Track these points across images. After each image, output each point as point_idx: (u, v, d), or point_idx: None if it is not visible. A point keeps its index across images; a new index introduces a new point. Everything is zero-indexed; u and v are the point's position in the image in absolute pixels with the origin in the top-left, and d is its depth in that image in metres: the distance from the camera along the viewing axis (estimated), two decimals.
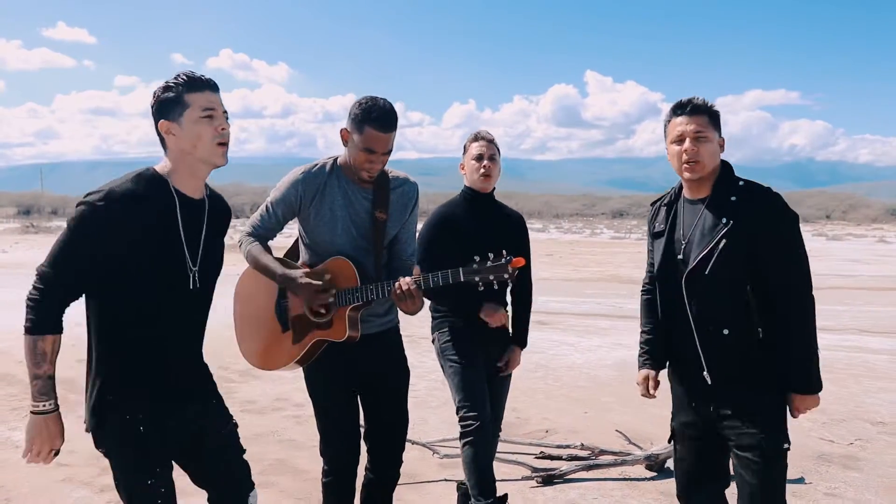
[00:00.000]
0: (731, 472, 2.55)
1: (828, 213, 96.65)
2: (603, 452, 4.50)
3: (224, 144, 2.19)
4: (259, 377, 6.81)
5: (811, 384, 2.41)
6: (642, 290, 2.79)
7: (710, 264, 2.42)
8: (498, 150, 3.35)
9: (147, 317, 2.18)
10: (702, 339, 2.46)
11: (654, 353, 2.68)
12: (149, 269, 2.13)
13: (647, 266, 2.73)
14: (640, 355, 2.73)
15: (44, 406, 2.11)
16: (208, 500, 2.46)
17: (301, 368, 2.87)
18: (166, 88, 2.15)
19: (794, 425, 2.45)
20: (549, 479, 4.17)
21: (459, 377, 3.24)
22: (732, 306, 2.42)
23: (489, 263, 2.51)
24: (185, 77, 2.17)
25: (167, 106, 2.15)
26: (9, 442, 4.89)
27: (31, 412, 2.12)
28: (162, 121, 2.15)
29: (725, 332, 2.41)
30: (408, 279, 2.57)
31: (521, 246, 3.31)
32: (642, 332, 2.75)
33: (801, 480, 4.21)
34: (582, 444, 4.60)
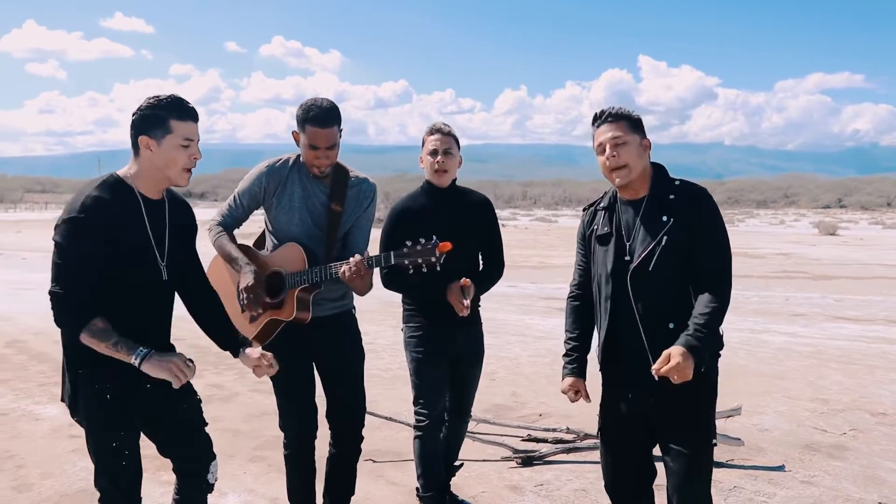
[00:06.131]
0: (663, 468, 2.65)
1: (889, 200, 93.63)
2: (588, 436, 4.60)
3: (190, 170, 2.44)
4: None
5: (696, 350, 2.35)
6: (569, 297, 2.83)
7: (654, 261, 2.50)
8: (456, 141, 3.35)
9: (121, 305, 2.40)
10: (648, 335, 2.52)
11: (582, 360, 2.74)
12: (124, 264, 2.37)
13: (577, 272, 2.79)
14: (567, 363, 2.76)
15: (138, 354, 2.31)
16: (173, 468, 2.70)
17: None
18: (154, 107, 2.37)
19: (788, 413, 2.50)
20: (528, 460, 4.31)
21: (417, 374, 3.36)
22: (676, 301, 2.49)
23: (418, 247, 2.71)
24: (172, 101, 2.39)
25: (151, 123, 2.37)
26: (31, 415, 5.22)
27: (138, 365, 2.31)
28: (143, 136, 2.37)
29: (671, 325, 2.47)
30: (350, 260, 2.80)
31: (484, 232, 3.40)
32: (569, 338, 2.78)
33: (780, 468, 4.25)
34: (568, 429, 4.70)
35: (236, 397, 5.79)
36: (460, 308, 3.13)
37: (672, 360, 2.32)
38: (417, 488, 3.51)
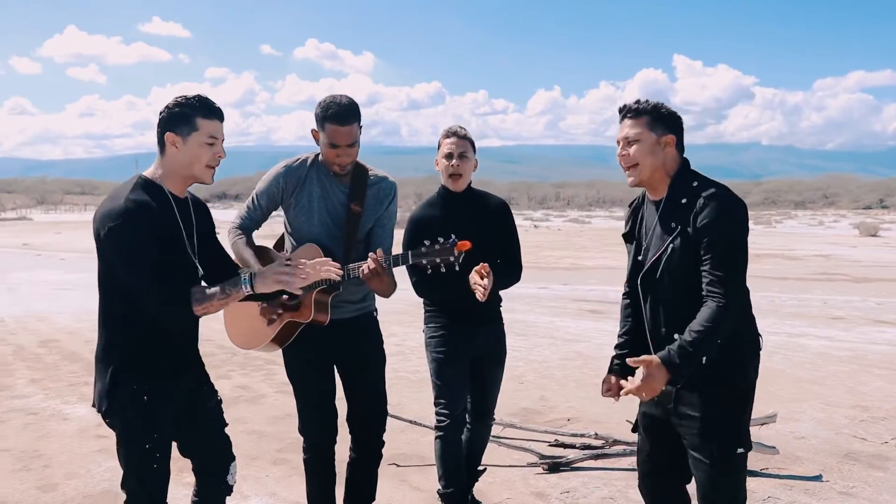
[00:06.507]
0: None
1: None
2: (616, 442, 4.49)
3: (214, 167, 2.44)
4: None
5: (673, 367, 2.25)
6: (623, 294, 2.76)
7: (661, 268, 2.41)
8: (472, 144, 3.30)
9: None
10: (654, 344, 2.45)
11: (624, 358, 2.64)
12: (163, 263, 2.34)
13: (627, 270, 2.72)
14: (611, 358, 2.71)
15: (245, 282, 2.33)
16: (192, 469, 2.70)
17: (280, 350, 3.07)
18: (181, 105, 2.39)
19: (826, 421, 2.38)
20: (554, 466, 4.21)
21: (439, 373, 3.32)
22: (686, 311, 2.34)
23: (436, 247, 2.66)
24: (199, 101, 2.40)
25: (178, 121, 2.38)
26: (59, 415, 5.27)
27: (253, 290, 2.33)
28: (169, 133, 2.38)
29: (677, 336, 2.32)
30: (367, 260, 2.73)
31: (502, 236, 3.35)
32: (617, 335, 2.75)
33: (818, 478, 4.09)
34: (596, 434, 4.60)
35: (263, 399, 5.77)
36: (478, 290, 2.97)
37: (642, 373, 2.25)
38: (439, 489, 3.45)
